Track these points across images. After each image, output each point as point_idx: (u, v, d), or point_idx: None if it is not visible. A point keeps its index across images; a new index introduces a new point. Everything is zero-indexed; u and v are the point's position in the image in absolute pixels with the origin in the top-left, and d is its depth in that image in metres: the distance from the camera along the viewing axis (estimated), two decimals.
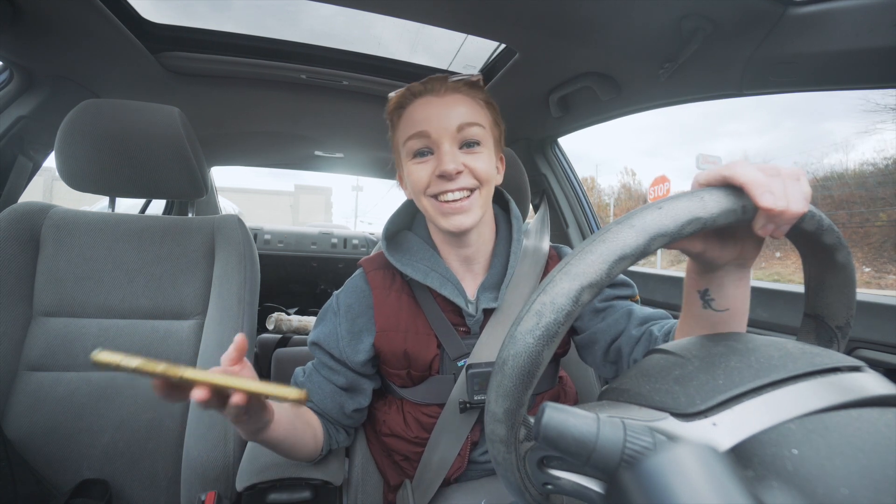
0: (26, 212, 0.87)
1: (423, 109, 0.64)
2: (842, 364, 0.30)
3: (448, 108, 0.63)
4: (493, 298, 0.68)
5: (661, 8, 0.76)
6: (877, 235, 8.43)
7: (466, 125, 0.62)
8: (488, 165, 0.64)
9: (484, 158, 0.64)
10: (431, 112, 0.63)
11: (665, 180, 12.66)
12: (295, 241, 2.08)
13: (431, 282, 0.67)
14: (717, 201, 0.30)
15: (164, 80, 1.16)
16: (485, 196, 0.65)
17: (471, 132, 0.63)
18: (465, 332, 0.70)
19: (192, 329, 0.89)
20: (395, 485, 0.75)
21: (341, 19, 1.07)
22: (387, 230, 0.73)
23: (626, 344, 0.64)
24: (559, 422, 0.28)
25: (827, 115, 41.72)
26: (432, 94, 0.64)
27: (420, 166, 0.64)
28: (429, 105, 0.63)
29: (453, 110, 0.62)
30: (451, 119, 0.62)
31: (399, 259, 0.69)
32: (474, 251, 0.70)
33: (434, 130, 0.62)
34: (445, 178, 0.61)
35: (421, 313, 0.70)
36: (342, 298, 0.72)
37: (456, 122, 0.62)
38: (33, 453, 0.78)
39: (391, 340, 0.68)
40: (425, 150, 0.64)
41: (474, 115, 0.64)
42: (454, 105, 0.63)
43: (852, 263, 0.37)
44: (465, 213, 0.63)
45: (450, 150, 0.62)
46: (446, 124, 0.62)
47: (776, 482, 0.23)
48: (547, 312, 0.29)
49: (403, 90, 0.67)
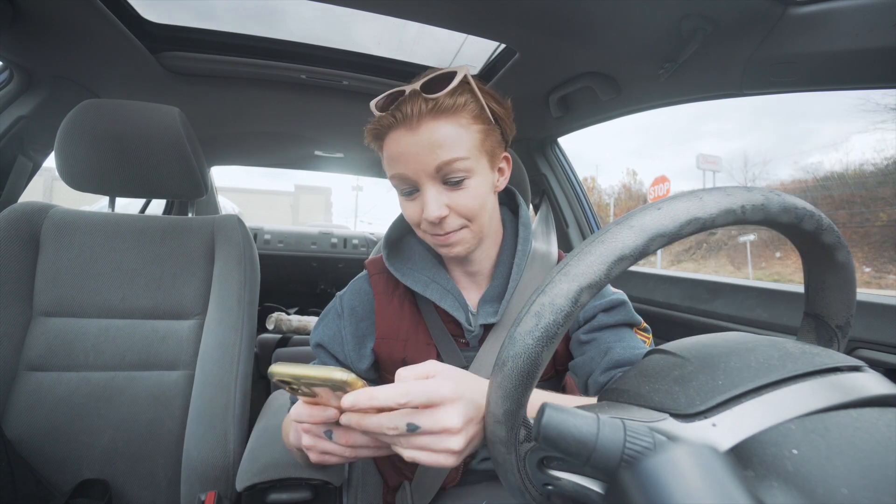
0: (26, 212, 0.87)
1: (398, 146, 0.57)
2: (842, 364, 0.30)
3: (423, 146, 0.55)
4: (492, 312, 0.65)
5: (661, 8, 0.76)
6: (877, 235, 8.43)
7: (445, 164, 0.55)
8: (475, 199, 0.58)
9: (469, 195, 0.58)
10: (406, 151, 0.56)
11: (665, 180, 12.67)
12: (295, 241, 2.08)
13: (431, 294, 0.65)
14: (716, 202, 0.30)
15: (164, 80, 1.16)
16: (477, 228, 0.61)
17: (451, 169, 0.56)
18: (465, 343, 0.68)
19: (192, 329, 0.89)
20: (394, 486, 0.75)
21: (339, 19, 1.07)
22: (388, 238, 0.71)
23: (591, 386, 0.61)
24: (559, 422, 0.28)
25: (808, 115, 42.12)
26: (405, 126, 0.56)
27: (409, 204, 0.61)
28: (403, 142, 0.56)
29: (429, 148, 0.55)
30: (428, 160, 0.55)
31: (399, 269, 0.67)
32: (477, 268, 0.68)
33: (413, 173, 0.57)
34: (431, 223, 0.59)
35: (422, 322, 0.68)
36: (346, 301, 0.70)
37: (433, 164, 0.55)
38: (33, 453, 0.78)
39: (391, 348, 0.67)
40: (411, 189, 0.59)
41: (454, 147, 0.55)
42: (430, 138, 0.55)
43: (852, 263, 0.37)
44: (458, 245, 0.61)
45: (432, 190, 0.57)
46: (423, 166, 0.56)
47: (776, 482, 0.23)
48: (546, 314, 0.29)
49: (374, 122, 0.59)
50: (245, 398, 0.87)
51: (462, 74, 0.57)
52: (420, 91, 0.55)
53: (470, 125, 0.57)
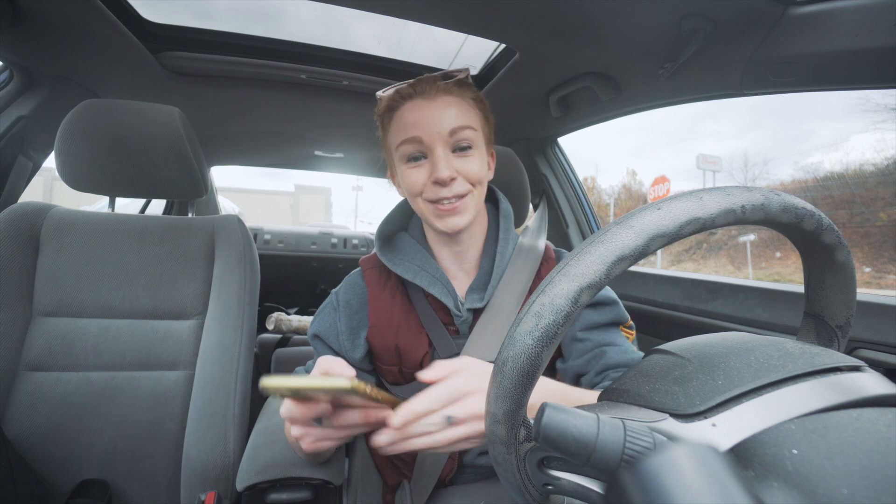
0: (26, 212, 0.87)
1: (413, 113, 0.63)
2: (842, 364, 0.30)
3: (439, 111, 0.62)
4: (479, 299, 0.68)
5: (661, 8, 0.76)
6: (877, 235, 8.43)
7: (459, 129, 0.62)
8: (481, 167, 0.65)
9: (476, 161, 0.64)
10: (423, 116, 0.62)
11: (665, 180, 12.67)
12: (295, 241, 2.08)
13: (420, 280, 0.67)
14: (716, 202, 0.30)
15: (164, 80, 1.16)
16: (478, 196, 0.66)
17: (463, 136, 0.62)
18: (455, 331, 0.70)
19: (192, 329, 0.89)
20: (393, 485, 0.75)
21: (339, 20, 1.07)
22: (381, 231, 0.74)
23: (584, 385, 0.65)
24: (559, 422, 0.28)
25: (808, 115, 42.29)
26: (422, 97, 0.63)
27: (415, 171, 0.64)
28: (419, 109, 0.63)
29: (444, 114, 0.62)
30: (443, 123, 0.61)
31: (391, 259, 0.70)
32: (465, 248, 0.70)
33: (426, 136, 0.61)
34: (440, 184, 0.62)
35: (413, 311, 0.70)
36: (341, 295, 0.73)
37: (448, 127, 0.61)
38: (33, 453, 0.78)
39: (383, 336, 0.69)
40: (419, 155, 0.63)
41: (466, 117, 0.63)
42: (445, 108, 0.62)
43: (852, 263, 0.37)
44: (460, 214, 0.63)
45: (443, 155, 0.62)
46: (438, 129, 0.61)
47: (776, 482, 0.23)
48: (546, 314, 0.29)
49: (392, 92, 0.66)
50: (245, 398, 0.87)
51: (466, 73, 0.67)
52: (436, 78, 0.64)
53: (474, 107, 0.66)
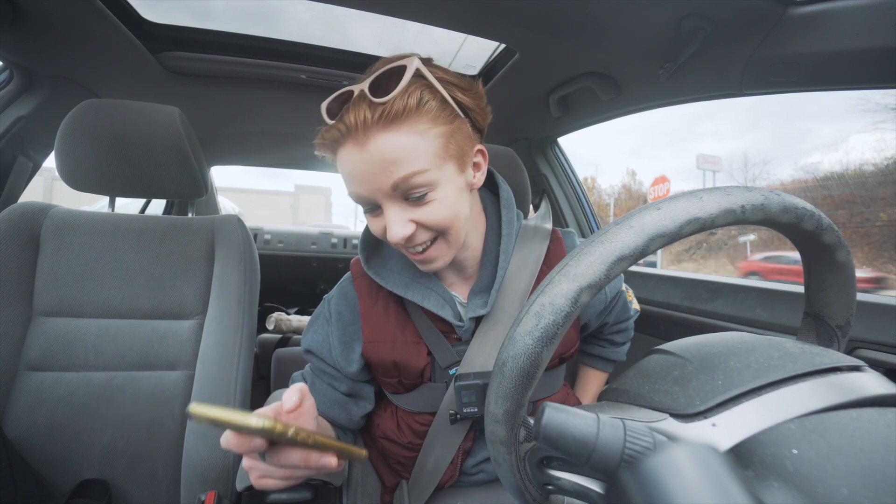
0: (26, 212, 0.87)
1: (349, 165, 0.51)
2: (842, 364, 0.30)
3: (374, 163, 0.49)
4: (482, 304, 0.63)
5: (661, 8, 0.76)
6: (877, 235, 8.42)
7: (402, 180, 0.49)
8: (445, 210, 0.53)
9: (438, 206, 0.52)
10: (357, 170, 0.51)
11: (665, 180, 12.66)
12: (295, 241, 2.08)
13: (413, 294, 0.62)
14: (716, 202, 0.30)
15: (164, 80, 1.16)
16: (453, 236, 0.56)
17: (411, 184, 0.50)
18: (456, 339, 0.66)
19: (192, 329, 0.89)
20: (391, 486, 0.75)
21: (339, 20, 1.07)
22: (364, 239, 0.67)
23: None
24: (559, 422, 0.28)
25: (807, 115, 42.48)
26: (352, 141, 0.50)
27: (374, 220, 0.56)
28: (353, 160, 0.51)
29: (380, 166, 0.49)
30: (381, 179, 0.50)
31: (379, 272, 0.65)
32: (462, 256, 0.65)
33: (368, 192, 0.52)
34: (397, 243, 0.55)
35: (409, 321, 0.66)
36: (333, 305, 0.68)
37: (388, 182, 0.50)
38: (33, 453, 0.78)
39: (379, 351, 0.65)
40: (372, 206, 0.54)
41: (410, 159, 0.49)
42: (381, 154, 0.49)
43: (852, 262, 0.37)
44: (433, 261, 0.57)
45: (392, 209, 0.52)
46: (378, 185, 0.50)
47: (776, 482, 0.23)
48: (546, 314, 0.29)
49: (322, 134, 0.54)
50: (245, 398, 0.87)
51: (413, 67, 0.49)
52: (367, 93, 0.48)
53: (428, 130, 0.50)
